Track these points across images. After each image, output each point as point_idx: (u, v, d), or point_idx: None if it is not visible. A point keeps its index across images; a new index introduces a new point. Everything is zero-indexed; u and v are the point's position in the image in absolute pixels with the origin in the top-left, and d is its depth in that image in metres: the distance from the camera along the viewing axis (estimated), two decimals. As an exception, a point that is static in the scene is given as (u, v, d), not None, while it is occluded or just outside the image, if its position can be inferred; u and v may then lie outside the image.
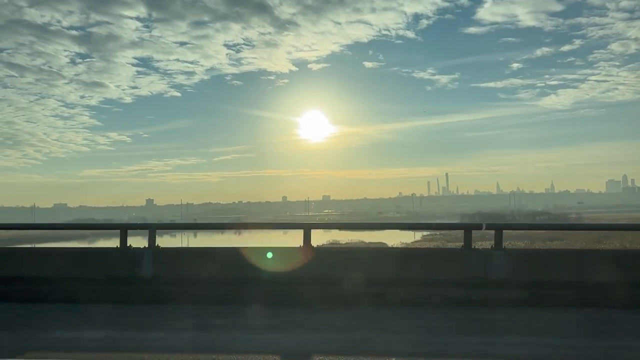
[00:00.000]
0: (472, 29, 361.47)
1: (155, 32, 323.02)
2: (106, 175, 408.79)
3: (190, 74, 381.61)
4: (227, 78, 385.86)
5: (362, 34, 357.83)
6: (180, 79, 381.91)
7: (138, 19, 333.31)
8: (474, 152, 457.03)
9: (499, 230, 8.55)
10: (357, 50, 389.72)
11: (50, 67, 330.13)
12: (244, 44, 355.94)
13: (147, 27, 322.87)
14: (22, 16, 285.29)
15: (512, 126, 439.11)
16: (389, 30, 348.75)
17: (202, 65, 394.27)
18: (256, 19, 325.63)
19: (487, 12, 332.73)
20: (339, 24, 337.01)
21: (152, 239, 8.75)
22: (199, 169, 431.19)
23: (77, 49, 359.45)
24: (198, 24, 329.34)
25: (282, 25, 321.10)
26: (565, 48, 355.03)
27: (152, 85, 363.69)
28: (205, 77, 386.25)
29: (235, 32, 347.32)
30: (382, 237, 48.87)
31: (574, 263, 8.14)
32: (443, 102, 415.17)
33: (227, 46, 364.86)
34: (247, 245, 8.79)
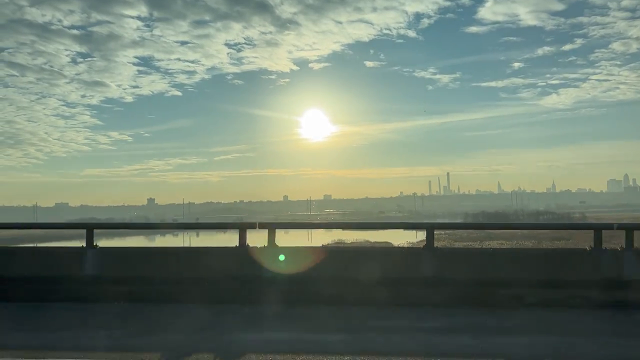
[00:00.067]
0: (473, 28, 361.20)
1: (156, 32, 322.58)
2: (107, 174, 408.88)
3: (191, 73, 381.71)
4: (228, 77, 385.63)
5: (363, 33, 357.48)
6: (181, 78, 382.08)
7: (139, 18, 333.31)
8: (475, 151, 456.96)
9: (630, 231, 8.71)
10: (358, 49, 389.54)
11: (51, 67, 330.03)
12: (245, 43, 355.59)
13: (148, 26, 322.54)
14: (23, 15, 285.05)
15: (514, 125, 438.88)
16: (390, 30, 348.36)
17: (203, 65, 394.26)
18: (257, 18, 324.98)
19: (488, 12, 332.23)
20: (340, 23, 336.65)
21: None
22: (199, 169, 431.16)
23: (78, 48, 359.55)
24: (199, 23, 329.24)
25: (283, 24, 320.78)
26: (567, 47, 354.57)
27: (153, 84, 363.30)
28: (206, 77, 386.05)
29: (236, 31, 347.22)
30: (386, 237, 48.63)
31: None
32: (444, 102, 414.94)
33: (228, 45, 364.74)
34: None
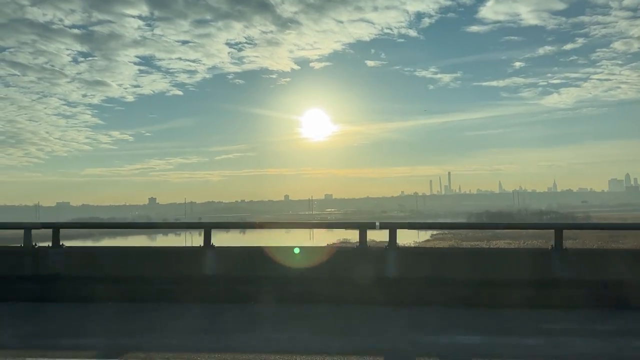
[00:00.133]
0: (475, 28, 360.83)
1: (157, 31, 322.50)
2: (108, 173, 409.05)
3: (192, 72, 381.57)
4: (229, 77, 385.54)
5: (364, 33, 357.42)
6: (182, 78, 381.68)
7: (140, 17, 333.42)
8: (476, 151, 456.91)
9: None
10: (359, 48, 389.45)
11: (53, 66, 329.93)
12: (245, 42, 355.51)
13: (149, 25, 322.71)
14: (24, 15, 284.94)
15: (515, 125, 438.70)
16: (391, 29, 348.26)
17: (204, 64, 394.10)
18: (258, 18, 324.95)
19: (489, 11, 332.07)
20: (341, 22, 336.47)
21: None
22: (200, 168, 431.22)
23: (79, 47, 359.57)
24: (200, 23, 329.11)
25: (284, 23, 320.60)
26: (568, 47, 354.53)
27: (154, 84, 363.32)
28: (207, 76, 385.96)
29: (237, 30, 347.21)
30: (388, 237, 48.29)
31: None
32: (445, 101, 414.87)
33: (229, 45, 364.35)
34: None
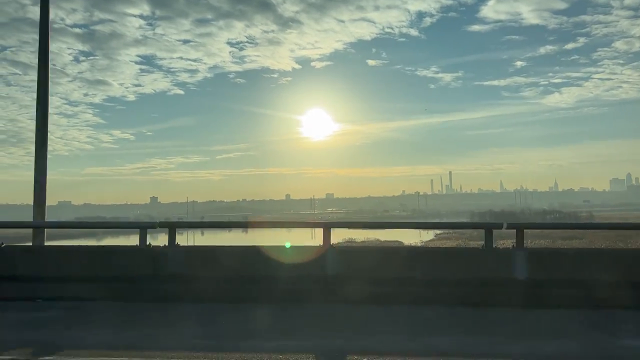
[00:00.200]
0: (476, 27, 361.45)
1: (158, 30, 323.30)
2: (109, 173, 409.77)
3: (194, 72, 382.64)
4: (230, 76, 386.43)
5: (366, 32, 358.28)
6: (184, 77, 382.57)
7: (141, 17, 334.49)
8: (477, 150, 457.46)
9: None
10: (361, 48, 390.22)
11: (54, 65, 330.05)
12: (247, 41, 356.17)
13: (150, 25, 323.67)
14: (25, 14, 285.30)
15: (516, 124, 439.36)
16: (392, 28, 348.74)
17: (205, 63, 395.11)
18: (259, 17, 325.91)
19: (490, 10, 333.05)
20: (342, 22, 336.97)
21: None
22: (201, 167, 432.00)
23: (80, 46, 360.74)
24: (201, 22, 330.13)
25: (285, 23, 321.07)
26: (569, 46, 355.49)
27: (155, 83, 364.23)
28: (209, 75, 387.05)
29: (238, 30, 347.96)
30: (394, 236, 48.67)
31: None
32: (446, 100, 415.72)
33: (230, 44, 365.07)
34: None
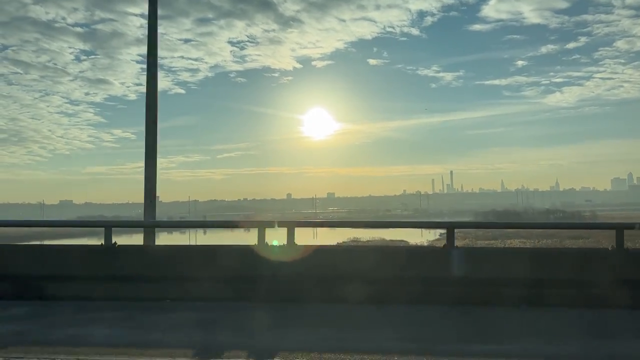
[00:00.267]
0: (477, 26, 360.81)
1: (159, 29, 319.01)
2: (111, 172, 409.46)
3: (195, 71, 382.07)
4: (231, 75, 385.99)
5: (367, 31, 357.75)
6: (185, 76, 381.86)
7: (142, 15, 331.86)
8: (478, 149, 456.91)
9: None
10: (361, 47, 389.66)
11: (55, 64, 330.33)
12: (248, 41, 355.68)
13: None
14: (26, 13, 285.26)
15: (517, 124, 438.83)
16: (393, 28, 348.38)
17: (206, 63, 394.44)
18: (260, 16, 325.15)
19: (492, 9, 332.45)
20: (343, 21, 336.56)
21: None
22: (202, 166, 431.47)
23: (81, 46, 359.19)
24: (202, 21, 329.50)
25: (286, 22, 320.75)
26: (571, 45, 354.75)
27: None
28: (210, 75, 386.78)
29: (239, 29, 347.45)
30: (398, 235, 48.63)
31: None
32: (447, 100, 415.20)
33: (231, 43, 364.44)
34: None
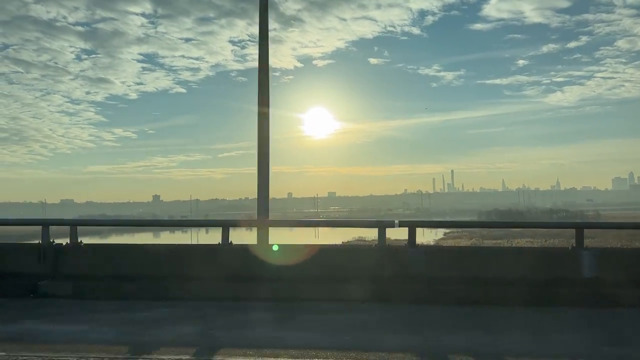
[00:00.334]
0: (478, 26, 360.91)
1: (160, 29, 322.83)
2: (111, 171, 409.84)
3: (195, 70, 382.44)
4: (232, 74, 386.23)
5: (367, 31, 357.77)
6: (186, 75, 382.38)
7: (143, 15, 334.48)
8: (478, 149, 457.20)
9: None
10: (362, 46, 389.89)
11: (56, 63, 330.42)
12: (248, 40, 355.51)
13: (152, 23, 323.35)
14: (27, 12, 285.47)
15: (517, 123, 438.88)
16: (394, 27, 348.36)
17: (207, 62, 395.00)
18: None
19: (493, 9, 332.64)
20: (344, 20, 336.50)
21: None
22: (203, 165, 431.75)
23: (82, 45, 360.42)
24: (203, 20, 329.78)
25: (287, 21, 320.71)
26: (572, 45, 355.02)
27: (157, 81, 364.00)
28: (210, 74, 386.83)
29: (240, 28, 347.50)
30: (400, 235, 48.23)
31: None
32: (448, 99, 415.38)
33: (232, 42, 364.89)
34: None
